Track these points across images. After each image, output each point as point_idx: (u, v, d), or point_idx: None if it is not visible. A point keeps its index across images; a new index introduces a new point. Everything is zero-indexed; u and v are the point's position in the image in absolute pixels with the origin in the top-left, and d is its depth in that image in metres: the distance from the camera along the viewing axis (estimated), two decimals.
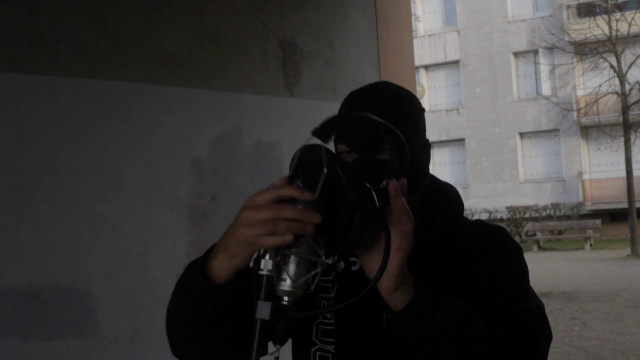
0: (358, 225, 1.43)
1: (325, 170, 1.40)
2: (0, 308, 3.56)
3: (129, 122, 4.11)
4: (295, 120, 4.96)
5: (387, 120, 1.64)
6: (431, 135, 33.81)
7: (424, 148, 1.85)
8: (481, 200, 33.74)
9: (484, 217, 31.12)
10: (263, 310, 1.39)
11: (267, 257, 1.41)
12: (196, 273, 1.54)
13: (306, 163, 1.48)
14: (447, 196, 1.92)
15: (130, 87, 4.08)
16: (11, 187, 3.65)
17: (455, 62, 35.68)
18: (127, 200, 4.06)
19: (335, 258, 1.46)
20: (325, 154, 1.41)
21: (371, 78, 5.64)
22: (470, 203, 32.44)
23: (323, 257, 1.45)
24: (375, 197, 1.44)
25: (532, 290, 1.83)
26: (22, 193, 3.70)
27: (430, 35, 36.23)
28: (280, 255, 1.42)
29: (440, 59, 36.04)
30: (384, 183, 1.51)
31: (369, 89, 1.84)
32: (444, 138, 35.50)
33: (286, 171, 4.13)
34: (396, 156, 1.55)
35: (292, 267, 1.43)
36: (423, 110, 1.88)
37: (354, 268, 1.82)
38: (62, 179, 3.80)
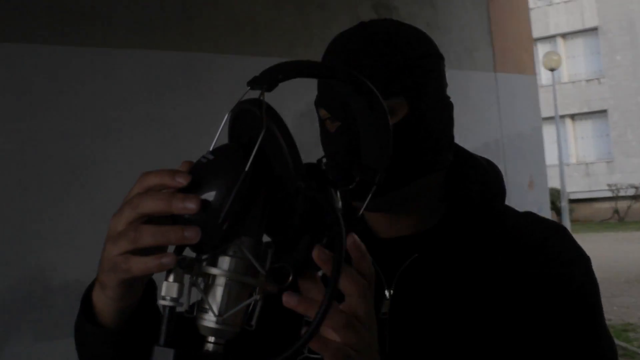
0: (304, 240, 0.97)
1: (261, 135, 0.94)
2: (56, 304, 3.28)
3: (199, 95, 3.74)
4: None
5: (374, 73, 1.21)
6: (571, 107, 32.64)
7: (442, 109, 1.33)
8: (627, 176, 32.22)
9: (630, 193, 29.85)
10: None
11: (171, 277, 0.96)
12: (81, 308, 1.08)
13: (238, 130, 1.02)
14: (481, 177, 1.38)
15: (199, 58, 3.71)
16: (74, 163, 3.35)
17: (594, 29, 34.23)
18: None
19: (290, 278, 0.97)
20: (266, 112, 0.93)
21: (482, 43, 5.13)
22: (615, 178, 31.05)
23: (264, 277, 0.98)
24: (335, 198, 0.98)
25: (605, 328, 1.29)
26: (83, 171, 3.40)
27: (565, 2, 34.89)
28: (195, 275, 0.97)
29: (578, 26, 34.65)
30: (356, 181, 1.05)
31: (357, 28, 1.33)
32: (585, 110, 34.13)
33: None
34: (373, 136, 1.08)
35: (217, 293, 0.98)
36: (440, 57, 1.36)
37: None
38: (123, 158, 3.48)
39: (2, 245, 3.23)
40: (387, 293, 1.30)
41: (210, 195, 0.94)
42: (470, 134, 4.86)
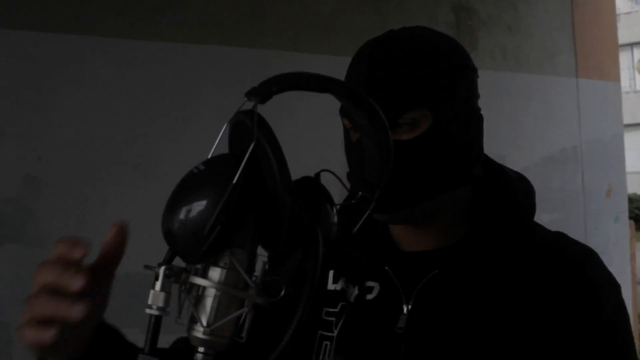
0: (296, 255, 0.98)
1: (250, 147, 0.94)
2: (120, 293, 3.33)
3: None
4: None
5: (397, 83, 1.20)
6: None
7: (470, 122, 1.30)
8: None
9: None
10: None
11: (158, 286, 0.96)
12: None
13: (236, 140, 1.03)
14: (510, 192, 1.34)
15: (273, 55, 3.72)
16: (142, 157, 3.41)
17: None
18: None
19: (283, 291, 0.97)
20: (257, 124, 0.94)
21: (564, 48, 5.01)
22: None
23: (253, 288, 0.98)
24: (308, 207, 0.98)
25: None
26: (149, 166, 3.44)
27: None
28: (184, 285, 0.97)
29: None
30: (358, 196, 1.04)
31: (384, 36, 1.32)
32: None
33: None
34: (374, 152, 1.07)
35: (206, 304, 0.98)
36: (472, 69, 1.34)
37: (369, 297, 1.34)
38: (191, 153, 3.51)
39: (65, 234, 3.29)
40: (404, 308, 1.28)
41: (197, 206, 0.95)
42: (548, 139, 4.77)
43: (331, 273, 1.39)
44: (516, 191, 1.34)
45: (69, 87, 3.35)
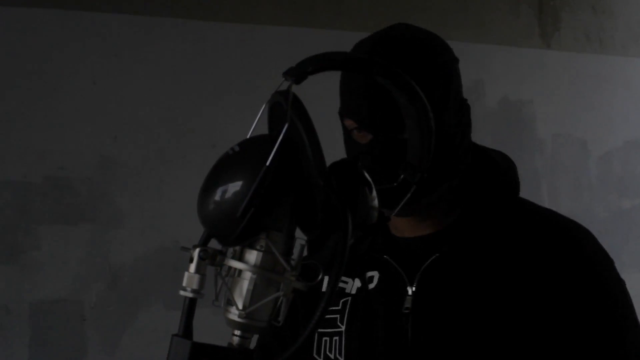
0: (332, 239, 0.95)
1: (284, 129, 0.93)
2: None
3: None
4: (553, 76, 4.32)
5: (415, 76, 1.16)
6: None
7: (463, 113, 1.33)
8: None
9: None
10: (177, 352, 0.92)
11: (193, 268, 0.94)
12: None
13: (274, 121, 1.02)
14: (493, 172, 1.38)
15: (347, 37, 3.67)
16: (215, 137, 3.40)
17: None
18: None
19: (320, 276, 0.94)
20: (293, 103, 0.91)
21: None
22: None
23: (291, 273, 0.95)
24: (338, 194, 0.94)
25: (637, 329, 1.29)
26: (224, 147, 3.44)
27: None
28: (219, 267, 0.95)
29: None
30: (400, 179, 1.00)
31: (387, 32, 1.36)
32: None
33: (539, 134, 3.49)
34: (417, 134, 1.03)
35: (242, 287, 0.95)
36: (456, 60, 1.34)
37: (371, 286, 1.38)
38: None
39: (139, 215, 3.32)
40: (409, 290, 1.33)
41: (231, 188, 0.92)
42: (631, 123, 4.62)
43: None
44: (499, 169, 1.38)
45: (143, 68, 3.37)
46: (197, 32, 3.46)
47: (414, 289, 1.32)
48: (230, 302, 0.96)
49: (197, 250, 0.95)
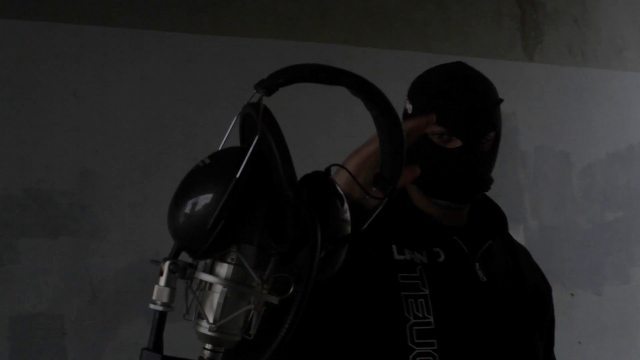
0: (303, 251, 0.93)
1: (254, 141, 0.92)
2: None
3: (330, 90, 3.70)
4: (535, 88, 4.33)
5: (482, 108, 1.65)
6: None
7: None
8: None
9: None
10: None
11: (162, 281, 0.93)
12: None
13: (246, 133, 1.02)
14: (496, 205, 1.87)
15: (332, 49, 3.67)
16: (194, 154, 3.39)
17: None
18: None
19: (291, 289, 0.93)
20: (263, 115, 0.91)
21: (633, 42, 4.86)
22: None
23: (262, 286, 0.94)
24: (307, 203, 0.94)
25: None
26: None
27: None
28: (189, 280, 0.94)
29: None
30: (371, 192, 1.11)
31: (462, 70, 1.76)
32: None
33: (522, 146, 3.55)
34: (388, 147, 1.03)
35: (213, 300, 0.94)
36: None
37: (440, 260, 1.66)
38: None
39: (121, 228, 3.30)
40: (476, 265, 1.70)
41: (201, 201, 0.92)
42: (614, 136, 4.63)
43: (394, 247, 1.64)
44: (495, 204, 1.91)
45: (126, 81, 3.35)
46: (180, 44, 3.45)
47: (477, 265, 1.69)
48: (201, 316, 0.95)
49: (167, 263, 0.94)
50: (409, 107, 1.75)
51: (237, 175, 0.91)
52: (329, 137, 3.57)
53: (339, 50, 3.68)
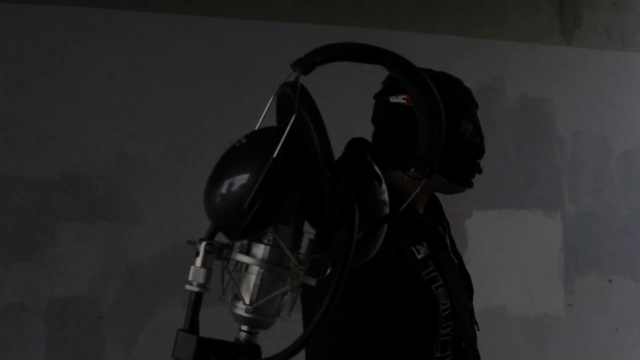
0: (340, 232, 0.93)
1: (291, 121, 0.91)
2: None
3: (367, 73, 3.68)
4: (573, 73, 4.28)
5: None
6: None
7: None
8: None
9: None
10: (183, 347, 0.90)
11: (199, 262, 0.92)
12: None
13: (282, 113, 1.00)
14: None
15: (365, 33, 3.65)
16: (230, 137, 3.39)
17: None
18: None
19: (328, 270, 0.92)
20: (300, 94, 0.90)
21: None
22: None
23: (299, 267, 0.93)
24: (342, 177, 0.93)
25: None
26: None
27: None
28: (226, 261, 0.93)
29: None
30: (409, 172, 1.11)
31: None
32: None
33: (559, 131, 3.51)
34: (426, 126, 1.06)
35: (249, 281, 0.93)
36: None
37: (434, 250, 1.79)
38: None
39: (157, 212, 3.31)
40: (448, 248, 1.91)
41: (237, 181, 0.91)
42: None
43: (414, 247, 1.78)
44: None
45: (161, 65, 3.36)
46: (215, 29, 3.45)
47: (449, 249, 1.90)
48: (237, 297, 0.95)
49: (204, 243, 0.93)
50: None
51: (274, 155, 0.90)
52: (365, 124, 3.55)
53: (373, 34, 3.65)
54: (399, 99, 1.77)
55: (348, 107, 3.43)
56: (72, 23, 3.26)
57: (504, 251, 3.97)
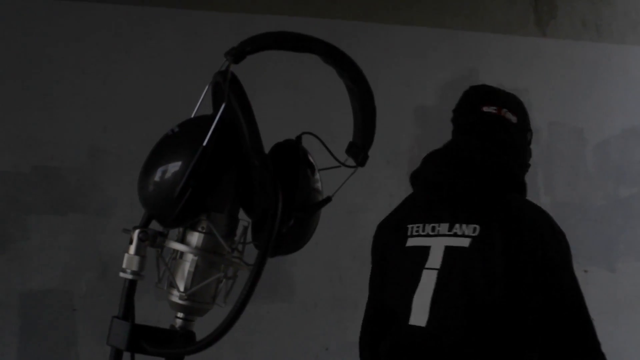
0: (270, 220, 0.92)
1: (221, 109, 0.93)
2: None
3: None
4: (549, 64, 4.29)
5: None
6: None
7: None
8: None
9: None
10: (117, 334, 0.92)
11: (132, 250, 0.92)
12: None
13: (217, 102, 1.02)
14: None
15: (340, 26, 3.64)
16: None
17: None
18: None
19: (264, 257, 0.92)
20: (231, 83, 0.90)
21: None
22: None
23: (232, 254, 0.96)
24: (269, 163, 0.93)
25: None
26: None
27: None
28: (160, 249, 0.93)
29: None
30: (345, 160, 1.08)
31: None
32: None
33: (535, 122, 3.67)
34: (360, 115, 1.08)
35: (183, 269, 0.95)
36: None
37: None
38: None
39: (129, 204, 3.29)
40: None
41: (169, 169, 0.91)
42: (629, 111, 4.59)
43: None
44: None
45: (134, 57, 3.34)
46: (189, 21, 3.43)
47: None
48: (173, 285, 0.95)
49: (137, 231, 0.94)
50: (513, 118, 2.04)
51: (204, 143, 0.90)
52: (341, 113, 3.55)
53: (349, 26, 3.65)
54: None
55: (324, 97, 3.43)
56: (44, 15, 3.24)
57: None
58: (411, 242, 1.93)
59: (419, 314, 1.82)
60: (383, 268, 2.02)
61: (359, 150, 1.06)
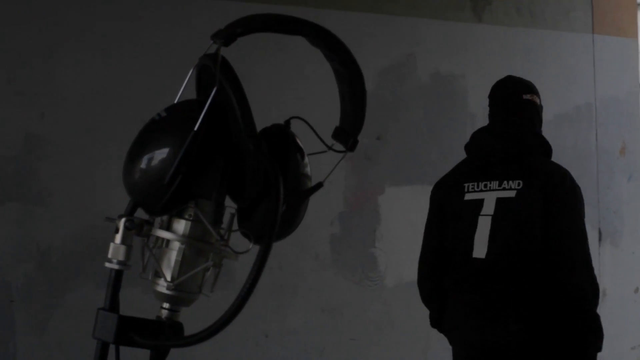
0: (263, 206, 0.93)
1: (212, 93, 0.89)
2: None
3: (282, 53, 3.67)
4: (484, 50, 4.34)
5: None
6: None
7: None
8: None
9: None
10: (104, 326, 0.90)
11: (118, 239, 0.91)
12: None
13: (203, 86, 0.98)
14: None
15: (280, 10, 3.62)
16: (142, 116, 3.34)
17: None
18: None
19: (251, 245, 0.91)
20: (222, 66, 0.89)
21: (580, 3, 4.88)
22: None
23: (220, 242, 0.94)
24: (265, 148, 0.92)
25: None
26: None
27: None
28: (146, 237, 0.92)
29: None
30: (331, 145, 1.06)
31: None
32: None
33: (471, 107, 3.73)
34: (349, 99, 1.03)
35: (170, 258, 0.93)
36: None
37: None
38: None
39: (68, 194, 3.25)
40: None
41: (158, 155, 0.90)
42: (562, 96, 4.67)
43: None
44: None
45: (72, 43, 3.28)
46: (126, 5, 3.39)
47: None
48: (158, 274, 0.93)
49: (123, 220, 0.92)
50: (538, 101, 2.82)
51: (195, 129, 0.88)
52: (280, 101, 3.55)
53: (285, 11, 3.62)
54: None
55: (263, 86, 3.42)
56: None
57: (417, 227, 4.02)
58: (468, 196, 2.56)
59: (480, 249, 2.46)
60: (440, 218, 2.66)
61: (348, 135, 1.04)
